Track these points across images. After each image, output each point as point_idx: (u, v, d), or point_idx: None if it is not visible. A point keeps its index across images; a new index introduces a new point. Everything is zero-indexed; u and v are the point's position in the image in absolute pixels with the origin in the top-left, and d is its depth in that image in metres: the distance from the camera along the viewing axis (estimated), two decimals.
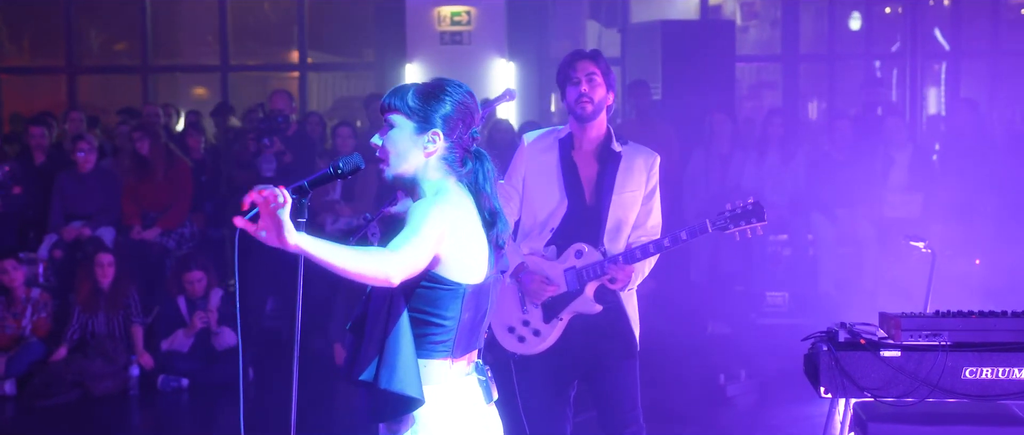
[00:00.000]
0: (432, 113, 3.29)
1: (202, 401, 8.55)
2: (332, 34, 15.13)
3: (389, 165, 3.33)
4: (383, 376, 3.16)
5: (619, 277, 4.67)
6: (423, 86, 3.34)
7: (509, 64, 12.64)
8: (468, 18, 12.58)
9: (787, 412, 7.82)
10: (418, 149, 3.29)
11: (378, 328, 3.21)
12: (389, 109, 3.33)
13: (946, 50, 13.35)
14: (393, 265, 3.04)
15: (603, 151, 4.82)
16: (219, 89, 15.65)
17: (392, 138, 3.32)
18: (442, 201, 3.22)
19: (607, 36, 15.53)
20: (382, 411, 3.22)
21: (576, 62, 4.79)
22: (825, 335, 4.78)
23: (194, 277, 8.75)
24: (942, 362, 4.52)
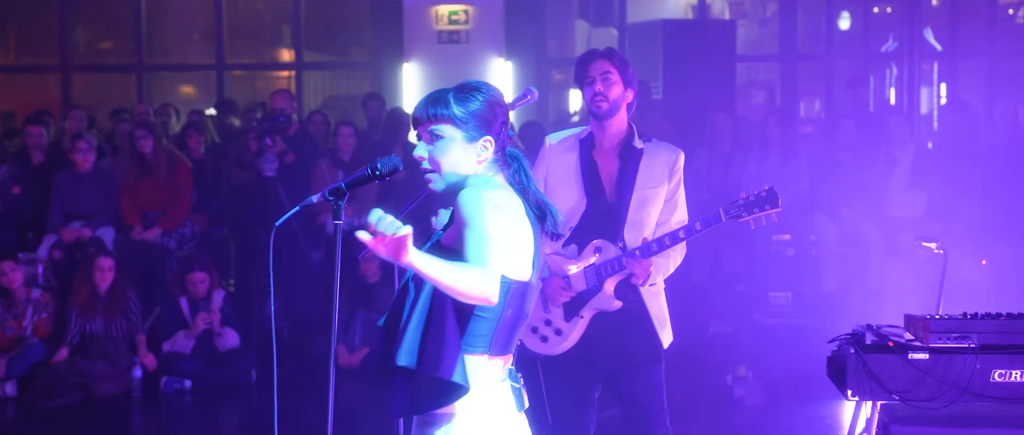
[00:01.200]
0: (480, 120, 3.27)
1: (205, 403, 8.50)
2: (327, 33, 15.07)
3: (442, 176, 3.29)
4: (427, 362, 3.10)
5: (637, 271, 4.64)
6: (461, 93, 3.29)
7: (507, 63, 12.60)
8: (466, 17, 12.53)
9: (797, 413, 7.81)
10: (471, 157, 3.28)
11: (420, 313, 3.16)
12: (434, 120, 3.27)
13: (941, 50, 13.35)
14: (492, 286, 3.03)
15: (624, 148, 4.80)
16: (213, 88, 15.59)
17: (443, 149, 3.27)
18: (490, 190, 3.20)
19: (597, 35, 15.52)
20: (423, 400, 3.18)
21: (590, 61, 4.78)
22: (851, 337, 4.75)
23: (197, 278, 8.70)
24: (971, 365, 4.49)
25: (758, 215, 4.63)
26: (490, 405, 3.26)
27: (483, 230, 3.09)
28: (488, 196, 3.15)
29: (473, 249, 3.07)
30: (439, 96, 3.28)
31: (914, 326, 4.66)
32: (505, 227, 3.14)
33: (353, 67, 14.97)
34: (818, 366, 8.34)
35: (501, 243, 3.11)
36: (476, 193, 3.16)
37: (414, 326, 3.15)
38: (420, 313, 3.15)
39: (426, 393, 3.16)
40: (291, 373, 9.19)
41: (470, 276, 3.00)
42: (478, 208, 3.12)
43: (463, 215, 3.14)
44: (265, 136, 9.30)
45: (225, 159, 10.76)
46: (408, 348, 3.14)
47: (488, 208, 3.12)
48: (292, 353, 9.58)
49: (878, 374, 4.56)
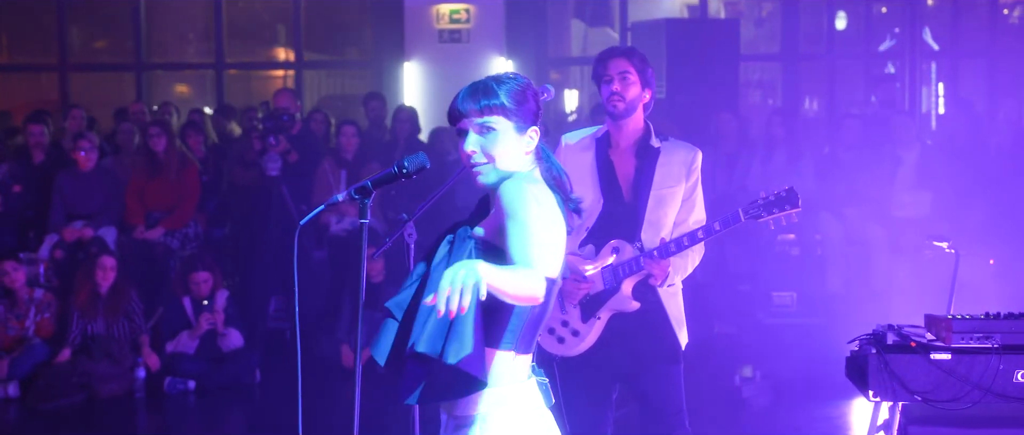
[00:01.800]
0: (527, 111, 3.26)
1: (209, 403, 8.44)
2: (327, 32, 15.02)
3: (495, 168, 3.25)
4: (451, 351, 3.04)
5: (655, 272, 4.60)
6: (507, 84, 3.27)
7: (508, 62, 12.55)
8: (467, 16, 12.49)
9: (805, 413, 7.78)
10: (521, 148, 3.27)
11: None
12: (485, 111, 3.24)
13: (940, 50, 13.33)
14: (541, 288, 3.00)
15: (641, 147, 4.75)
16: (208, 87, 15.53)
17: (496, 141, 3.24)
18: (531, 183, 3.18)
19: (593, 35, 15.49)
20: (442, 389, 3.13)
21: (609, 60, 4.74)
22: (872, 337, 4.71)
23: (200, 278, 8.65)
24: (994, 365, 4.46)
25: (778, 215, 4.60)
26: (521, 402, 3.24)
27: (527, 225, 3.07)
28: (530, 189, 3.14)
29: (518, 245, 3.05)
30: (487, 88, 3.25)
31: (936, 326, 4.63)
32: (546, 222, 3.12)
33: (353, 66, 14.92)
34: (825, 366, 8.40)
35: (543, 240, 3.09)
36: (519, 185, 3.15)
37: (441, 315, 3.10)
38: None
39: (443, 382, 3.12)
40: (294, 372, 9.14)
41: (523, 280, 2.97)
42: (522, 201, 3.10)
43: (506, 207, 3.12)
44: (269, 135, 9.25)
45: (225, 158, 10.71)
46: (431, 336, 3.09)
47: (531, 201, 3.11)
48: (295, 353, 9.52)
49: (900, 375, 4.52)
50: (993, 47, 13.10)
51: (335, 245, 9.72)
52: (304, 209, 9.65)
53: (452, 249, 3.21)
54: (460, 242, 3.20)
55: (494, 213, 3.22)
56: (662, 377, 4.74)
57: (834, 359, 8.44)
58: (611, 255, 4.67)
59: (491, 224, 3.22)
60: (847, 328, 8.65)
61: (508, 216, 3.10)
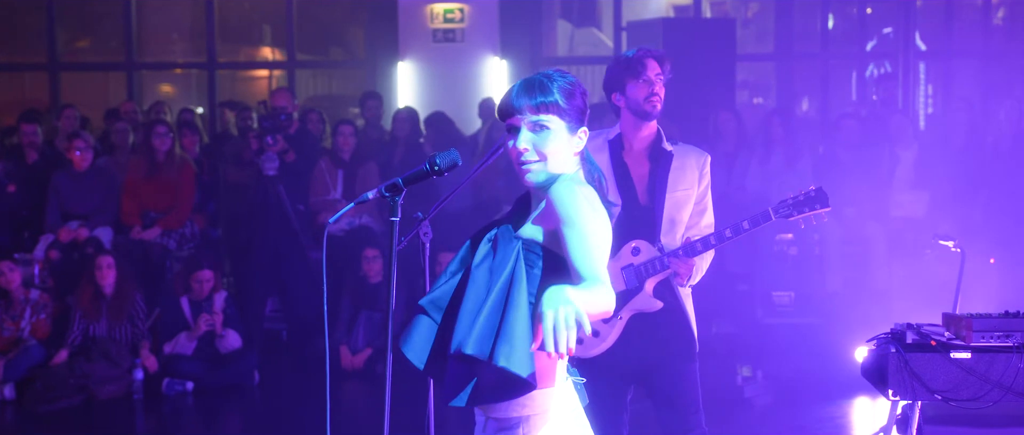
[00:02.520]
0: (578, 110, 3.24)
1: (207, 404, 8.39)
2: (320, 32, 14.96)
3: (548, 167, 3.21)
4: (500, 353, 3.02)
5: (681, 271, 4.59)
6: (559, 83, 3.23)
7: (502, 62, 12.52)
8: (461, 15, 12.45)
9: (808, 413, 7.77)
10: (571, 149, 3.24)
11: (494, 303, 3.07)
12: (540, 109, 3.20)
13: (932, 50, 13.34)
14: (613, 300, 3.03)
15: (654, 150, 4.74)
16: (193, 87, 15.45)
17: (548, 139, 3.20)
18: (581, 185, 3.17)
19: (579, 35, 15.48)
20: (490, 391, 3.11)
21: (646, 60, 4.67)
22: (891, 336, 4.68)
23: (203, 276, 8.59)
24: (1014, 364, 4.44)
25: (808, 214, 4.60)
26: (562, 403, 3.21)
27: (586, 234, 3.07)
28: (582, 192, 3.14)
29: (582, 257, 3.05)
30: (542, 85, 3.22)
31: (955, 325, 4.61)
32: (600, 228, 3.12)
33: (347, 66, 14.87)
34: (826, 366, 8.41)
35: (602, 248, 3.10)
36: (571, 189, 3.13)
37: (487, 316, 3.07)
38: (495, 304, 3.07)
39: (490, 384, 3.09)
40: (293, 374, 9.10)
41: (601, 299, 2.99)
42: (577, 206, 3.10)
43: (561, 213, 3.10)
44: (266, 134, 9.19)
45: (219, 158, 10.65)
46: (480, 337, 3.05)
47: (586, 206, 3.11)
48: (293, 354, 9.48)
49: (920, 373, 4.49)
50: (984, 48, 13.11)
51: (332, 245, 9.66)
52: (301, 209, 9.60)
53: (495, 249, 3.16)
54: (504, 243, 3.15)
55: (542, 215, 3.18)
56: (680, 376, 4.72)
57: (834, 359, 8.49)
58: (632, 256, 4.64)
59: (540, 226, 3.17)
60: (846, 328, 8.70)
61: (565, 222, 3.08)
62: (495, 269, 3.10)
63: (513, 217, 3.30)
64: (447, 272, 3.28)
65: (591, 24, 16.20)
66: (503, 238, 3.17)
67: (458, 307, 3.14)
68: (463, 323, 3.09)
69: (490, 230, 3.25)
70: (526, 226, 3.20)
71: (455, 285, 3.23)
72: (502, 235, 3.19)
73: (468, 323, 3.07)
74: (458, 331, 3.09)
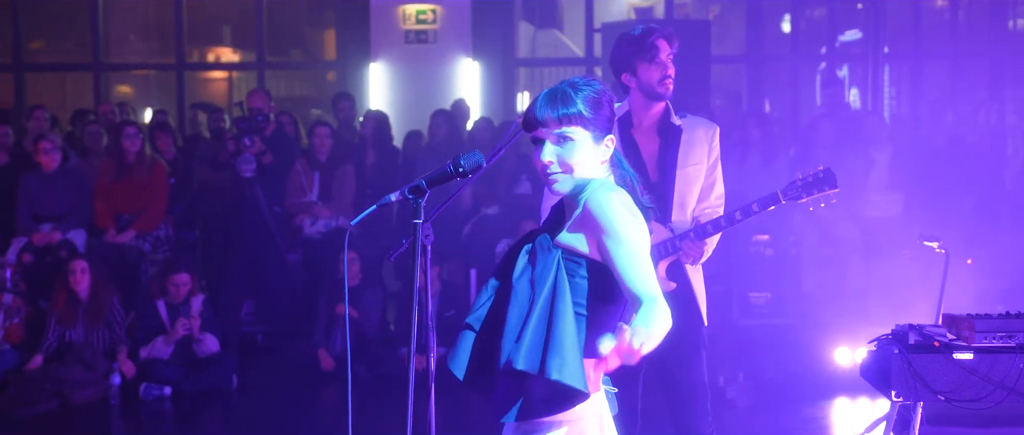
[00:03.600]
0: (603, 118, 3.20)
1: (186, 409, 8.29)
2: (291, 32, 14.87)
3: (573, 178, 3.19)
4: (553, 366, 3.01)
5: (691, 253, 4.59)
6: (584, 92, 3.20)
7: (474, 63, 12.49)
8: (434, 17, 12.40)
9: (790, 414, 7.78)
10: (598, 158, 3.21)
11: (540, 316, 3.06)
12: (563, 121, 3.17)
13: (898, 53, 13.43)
14: (668, 311, 3.00)
15: (663, 126, 4.75)
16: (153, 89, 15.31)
17: (573, 151, 3.18)
18: (616, 192, 3.15)
19: (541, 37, 15.47)
20: (542, 404, 3.09)
21: (658, 42, 4.70)
22: (892, 337, 4.70)
23: (180, 280, 8.49)
24: (1016, 364, 4.46)
25: (817, 196, 4.63)
26: (593, 411, 3.20)
27: (630, 244, 3.06)
28: (619, 200, 3.12)
29: (630, 271, 3.04)
30: (565, 96, 3.18)
31: (957, 325, 4.62)
32: (642, 235, 3.11)
33: (318, 67, 14.79)
34: (805, 366, 8.44)
35: (646, 255, 3.09)
36: (608, 198, 3.11)
37: (534, 329, 3.05)
38: (540, 316, 3.06)
39: (541, 397, 3.08)
40: (272, 377, 9.02)
41: (664, 320, 2.96)
42: (617, 216, 3.08)
43: (602, 224, 3.08)
44: (243, 136, 9.11)
45: (193, 159, 10.56)
46: (529, 351, 3.04)
47: (626, 215, 3.09)
48: (271, 357, 9.40)
49: (923, 374, 4.51)
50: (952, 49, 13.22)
51: (309, 247, 9.60)
52: (277, 211, 9.53)
53: (534, 261, 3.14)
54: (543, 254, 3.13)
55: (580, 222, 3.15)
56: (689, 366, 4.75)
57: (813, 359, 8.53)
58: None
59: (579, 233, 3.15)
60: (823, 329, 8.74)
61: (607, 234, 3.06)
62: (536, 280, 3.09)
63: (549, 225, 3.27)
64: (488, 287, 3.26)
65: (553, 25, 16.20)
66: (541, 249, 3.15)
67: (502, 321, 3.12)
68: (509, 337, 3.07)
69: (527, 241, 3.22)
70: (563, 234, 3.17)
71: (494, 299, 3.22)
72: (540, 246, 3.16)
73: (515, 337, 3.06)
74: (505, 346, 3.08)
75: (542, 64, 14.62)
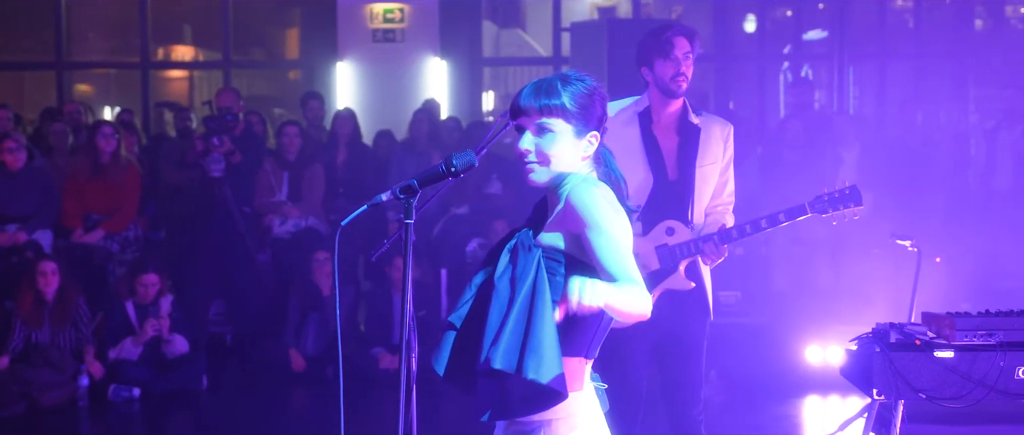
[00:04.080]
0: (590, 115, 3.18)
1: (155, 411, 8.22)
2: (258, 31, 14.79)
3: (549, 169, 3.17)
4: (529, 366, 2.98)
5: (711, 255, 4.64)
6: (572, 86, 3.18)
7: (442, 63, 12.46)
8: (401, 16, 12.36)
9: (763, 412, 7.82)
10: (578, 153, 3.18)
11: (518, 315, 3.03)
12: (544, 112, 3.15)
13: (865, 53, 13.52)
14: (650, 301, 2.99)
15: (682, 124, 4.78)
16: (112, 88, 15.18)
17: (552, 142, 3.16)
18: (598, 187, 3.12)
19: (504, 36, 15.47)
20: (520, 404, 3.06)
21: (675, 38, 4.70)
22: (873, 336, 4.72)
23: (148, 280, 8.42)
24: (996, 362, 4.49)
25: (842, 212, 4.68)
26: (584, 408, 3.17)
27: (613, 236, 3.03)
28: (601, 194, 3.09)
29: (612, 260, 3.01)
30: (550, 87, 3.17)
31: (937, 324, 4.65)
32: (624, 228, 3.09)
33: (284, 66, 14.72)
34: (776, 365, 8.47)
35: (628, 248, 3.06)
36: (590, 192, 3.08)
37: (513, 328, 3.03)
38: (519, 315, 3.03)
39: (520, 397, 3.05)
40: (241, 378, 8.96)
41: (636, 299, 2.95)
42: (598, 209, 3.05)
43: (584, 217, 3.05)
44: (213, 135, 9.04)
45: (159, 159, 10.47)
46: (507, 350, 3.01)
47: (607, 208, 3.06)
48: (240, 358, 9.34)
49: (904, 373, 4.53)
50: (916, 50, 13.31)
51: (279, 247, 9.54)
52: (246, 211, 9.47)
53: (515, 259, 3.12)
54: (524, 253, 3.11)
55: (561, 218, 3.13)
56: (690, 355, 4.81)
57: (784, 358, 8.57)
58: (665, 235, 4.67)
59: (559, 231, 3.13)
60: (794, 327, 8.78)
61: (589, 227, 3.04)
62: (517, 279, 3.06)
63: (532, 222, 3.26)
64: (472, 285, 3.23)
65: (516, 25, 16.21)
66: (522, 248, 3.13)
67: (483, 320, 3.10)
68: (489, 337, 3.05)
69: (510, 239, 3.21)
70: (544, 232, 3.16)
71: (475, 297, 3.20)
72: (521, 244, 3.14)
73: (494, 336, 3.04)
74: (484, 345, 3.06)
75: (509, 63, 14.62)
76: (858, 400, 7.93)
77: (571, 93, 3.15)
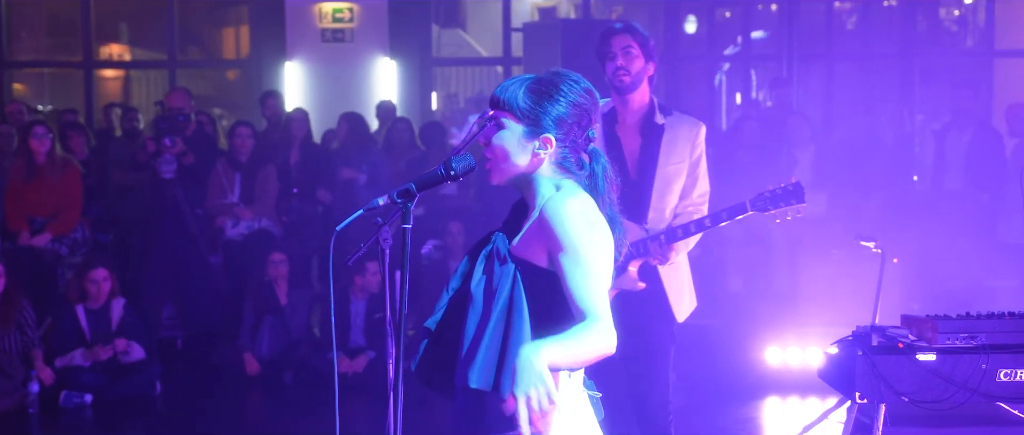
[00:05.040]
0: (543, 116, 3.02)
1: (108, 417, 8.04)
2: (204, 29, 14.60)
3: (497, 170, 3.07)
4: (506, 384, 2.87)
5: (658, 255, 4.59)
6: (536, 82, 3.06)
7: (391, 63, 12.36)
8: (351, 15, 12.24)
9: (723, 414, 7.81)
10: (527, 154, 3.04)
11: (494, 331, 2.95)
12: (498, 106, 3.06)
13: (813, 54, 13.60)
14: (611, 338, 2.86)
15: (646, 124, 4.75)
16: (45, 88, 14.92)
17: (501, 139, 3.05)
18: (574, 198, 2.96)
19: (445, 36, 15.42)
20: (496, 422, 2.96)
21: (611, 36, 4.74)
22: (854, 339, 4.70)
23: (98, 276, 8.22)
24: (978, 365, 4.49)
25: (784, 209, 4.64)
26: (576, 419, 3.07)
27: (585, 262, 2.89)
28: (578, 210, 2.94)
29: (580, 290, 2.88)
30: (514, 83, 3.06)
31: (919, 326, 4.64)
32: (600, 250, 2.95)
33: (231, 66, 14.52)
34: (733, 367, 8.47)
35: (603, 272, 2.93)
36: (566, 208, 2.93)
37: (488, 344, 2.94)
38: (494, 331, 2.95)
39: (497, 414, 2.94)
40: (195, 383, 8.80)
41: (595, 342, 2.83)
42: (574, 230, 2.91)
43: (559, 236, 2.92)
44: (164, 136, 8.88)
45: (106, 160, 10.28)
46: (482, 368, 2.93)
47: (584, 228, 2.92)
48: (192, 362, 9.17)
49: (886, 376, 4.51)
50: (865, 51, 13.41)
51: (231, 250, 9.39)
52: (198, 213, 9.32)
53: (490, 270, 3.00)
54: (500, 268, 2.99)
55: (535, 231, 2.99)
56: (655, 360, 4.81)
57: (742, 360, 8.57)
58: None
59: (532, 242, 2.99)
60: (750, 329, 8.78)
61: (562, 250, 2.90)
62: (492, 291, 2.97)
63: (508, 225, 3.15)
64: (449, 288, 3.15)
65: (456, 25, 16.17)
66: (498, 260, 3.02)
67: (459, 329, 3.03)
68: (467, 353, 2.97)
69: (487, 243, 3.11)
70: (518, 241, 3.04)
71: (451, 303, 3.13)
72: (497, 252, 3.04)
73: (471, 353, 2.96)
74: (462, 362, 2.99)
75: (460, 64, 14.55)
76: (818, 401, 7.97)
77: (532, 91, 3.03)
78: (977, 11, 14.29)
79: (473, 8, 15.50)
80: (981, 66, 12.79)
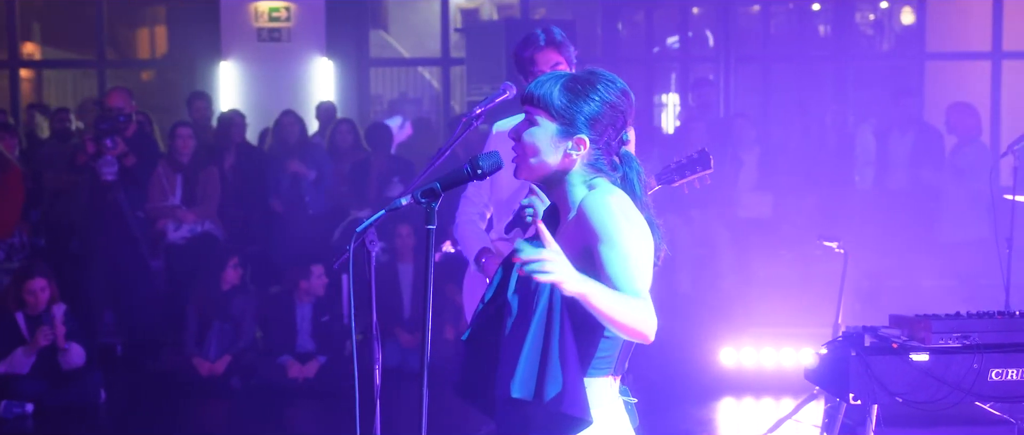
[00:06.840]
0: (578, 115, 2.95)
1: (50, 427, 7.78)
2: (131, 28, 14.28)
3: (525, 166, 2.99)
4: (549, 392, 2.78)
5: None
6: (572, 79, 2.97)
7: (329, 62, 12.18)
8: (287, 15, 12.05)
9: (679, 414, 7.79)
10: (558, 154, 2.96)
11: (533, 340, 2.84)
12: (532, 103, 2.97)
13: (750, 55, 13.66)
14: (653, 319, 2.77)
15: None
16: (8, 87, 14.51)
17: (532, 136, 2.97)
18: (612, 195, 2.89)
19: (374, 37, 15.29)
20: (543, 432, 2.87)
21: (536, 53, 4.59)
22: (845, 340, 4.66)
23: (36, 286, 7.96)
24: (970, 364, 4.47)
25: (690, 178, 4.58)
26: (615, 427, 3.00)
27: (624, 249, 2.81)
28: (616, 204, 2.86)
29: (619, 271, 2.79)
30: (550, 80, 2.97)
31: (911, 326, 4.62)
32: (641, 241, 2.87)
33: (163, 66, 14.21)
34: (685, 367, 8.44)
35: (643, 262, 2.86)
36: (604, 202, 2.86)
37: (529, 353, 2.83)
38: (535, 338, 2.84)
39: (541, 425, 2.87)
40: (140, 390, 8.57)
41: (636, 310, 2.74)
42: (613, 221, 2.83)
43: (597, 230, 2.83)
44: (105, 137, 8.62)
45: (39, 163, 9.99)
46: (524, 378, 2.82)
47: (622, 220, 2.84)
48: (134, 369, 8.93)
49: (879, 376, 4.48)
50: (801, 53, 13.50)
51: (172, 254, 9.16)
52: (139, 216, 9.08)
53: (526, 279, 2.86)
54: None
55: (573, 229, 2.92)
56: None
57: (693, 360, 8.56)
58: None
59: (568, 245, 2.89)
60: (699, 330, 8.77)
61: (601, 241, 2.82)
62: (530, 299, 2.87)
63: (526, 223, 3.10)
64: (483, 300, 3.06)
65: (378, 26, 16.03)
66: None
67: (497, 340, 2.94)
68: (507, 363, 2.87)
69: None
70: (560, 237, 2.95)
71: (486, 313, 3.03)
72: None
73: (512, 363, 2.85)
74: (503, 372, 2.88)
75: (398, 64, 14.40)
76: (772, 401, 7.98)
77: (567, 90, 2.95)
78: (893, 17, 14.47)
79: (395, 10, 15.35)
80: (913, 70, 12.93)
